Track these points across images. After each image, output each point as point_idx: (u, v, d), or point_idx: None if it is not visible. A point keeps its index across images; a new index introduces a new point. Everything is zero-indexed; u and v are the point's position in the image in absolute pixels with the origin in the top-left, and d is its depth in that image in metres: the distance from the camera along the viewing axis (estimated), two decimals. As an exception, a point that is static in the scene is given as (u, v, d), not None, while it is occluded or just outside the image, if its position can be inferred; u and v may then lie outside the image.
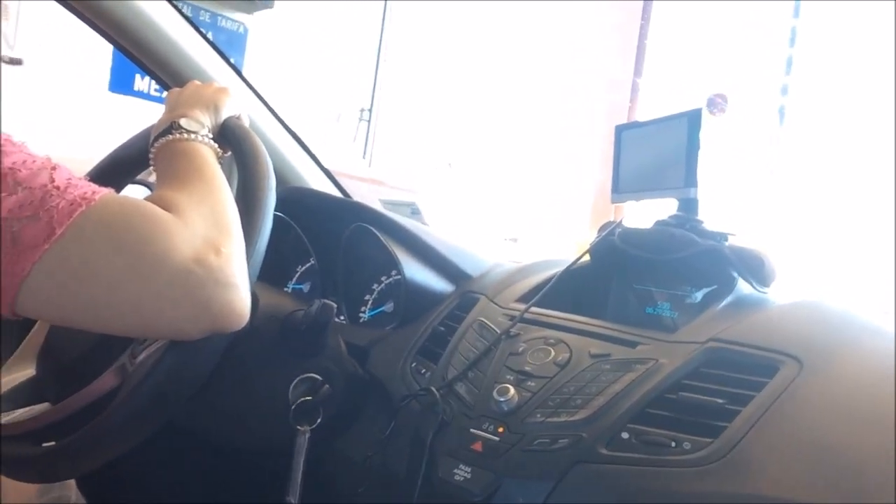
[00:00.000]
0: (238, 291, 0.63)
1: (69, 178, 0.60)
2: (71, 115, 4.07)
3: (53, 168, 0.60)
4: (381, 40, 6.55)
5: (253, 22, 5.30)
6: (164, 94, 1.00)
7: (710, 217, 0.88)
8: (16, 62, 3.88)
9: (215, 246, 0.62)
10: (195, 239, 0.61)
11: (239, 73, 1.33)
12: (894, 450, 0.59)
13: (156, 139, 0.79)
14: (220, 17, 5.04)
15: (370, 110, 6.62)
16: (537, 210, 5.81)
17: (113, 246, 0.59)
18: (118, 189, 0.90)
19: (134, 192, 1.53)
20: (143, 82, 4.44)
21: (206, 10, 4.95)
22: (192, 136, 0.78)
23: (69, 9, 1.16)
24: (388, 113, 6.60)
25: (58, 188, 0.58)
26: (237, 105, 0.89)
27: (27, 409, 0.78)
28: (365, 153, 6.51)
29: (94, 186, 0.61)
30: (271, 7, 5.33)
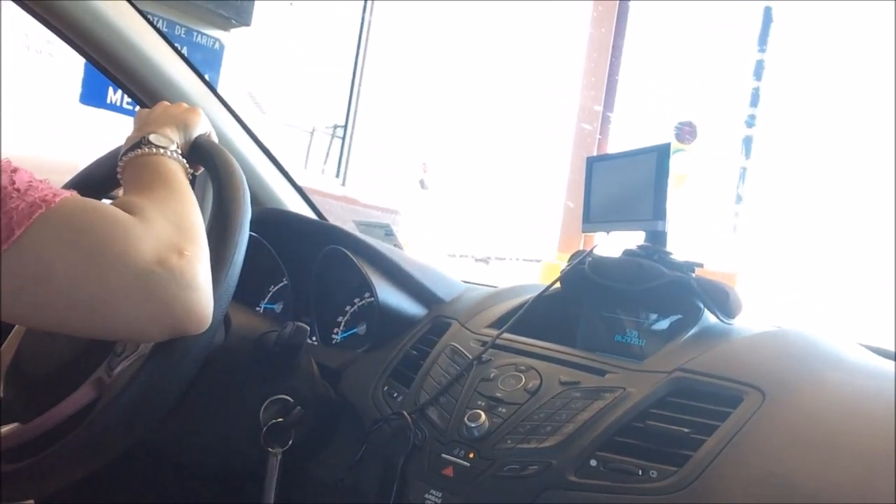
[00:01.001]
0: (201, 294, 0.63)
1: (30, 181, 0.60)
2: (42, 124, 4.02)
3: (14, 171, 0.60)
4: (357, 59, 6.58)
5: (229, 39, 5.29)
6: (137, 108, 1.00)
7: (678, 248, 0.90)
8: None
9: (178, 248, 0.62)
10: (157, 241, 0.62)
11: (213, 89, 1.33)
12: (852, 482, 0.61)
13: (124, 153, 0.80)
14: (195, 33, 5.04)
15: (344, 127, 6.63)
16: (507, 233, 5.86)
17: (72, 247, 0.59)
18: None
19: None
20: (115, 95, 4.41)
21: (182, 26, 4.94)
22: (161, 150, 0.79)
23: (42, 22, 1.15)
24: (361, 131, 6.62)
25: (18, 190, 0.59)
26: (207, 125, 0.90)
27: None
28: (339, 171, 6.51)
29: (56, 189, 0.62)
30: (248, 25, 5.34)
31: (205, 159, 0.85)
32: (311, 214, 1.40)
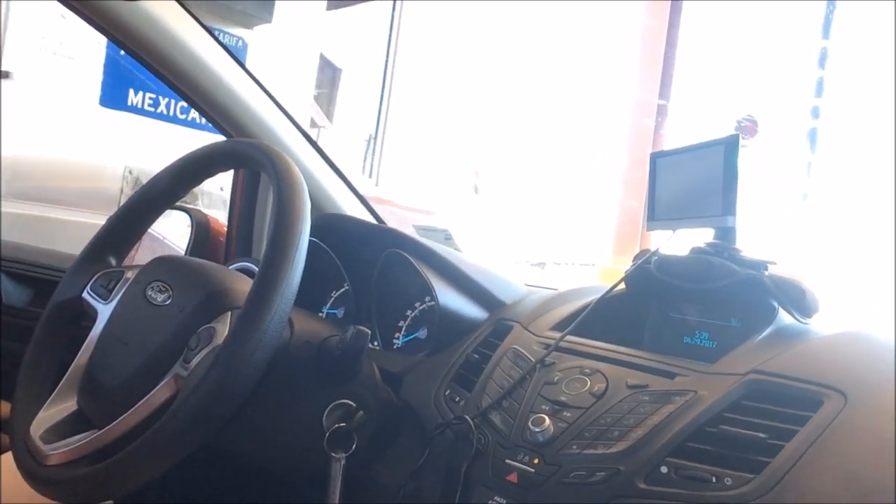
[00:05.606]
0: None
1: None
2: (61, 127, 3.95)
3: None
4: (387, 57, 6.54)
5: (252, 36, 5.24)
6: (160, 108, 1.00)
7: (748, 245, 0.87)
8: (4, 75, 3.87)
9: None
10: None
11: (269, 93, 1.32)
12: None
13: None
14: (218, 33, 5.03)
15: (375, 132, 6.64)
16: (562, 237, 5.78)
17: None
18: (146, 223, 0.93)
19: (175, 216, 1.55)
20: (136, 97, 4.23)
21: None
22: None
23: (73, 10, 1.14)
24: (403, 137, 6.61)
25: None
26: None
27: (77, 436, 0.79)
28: (370, 173, 6.53)
29: None
30: (270, 22, 5.31)
31: (265, 164, 0.86)
32: (370, 219, 1.40)
